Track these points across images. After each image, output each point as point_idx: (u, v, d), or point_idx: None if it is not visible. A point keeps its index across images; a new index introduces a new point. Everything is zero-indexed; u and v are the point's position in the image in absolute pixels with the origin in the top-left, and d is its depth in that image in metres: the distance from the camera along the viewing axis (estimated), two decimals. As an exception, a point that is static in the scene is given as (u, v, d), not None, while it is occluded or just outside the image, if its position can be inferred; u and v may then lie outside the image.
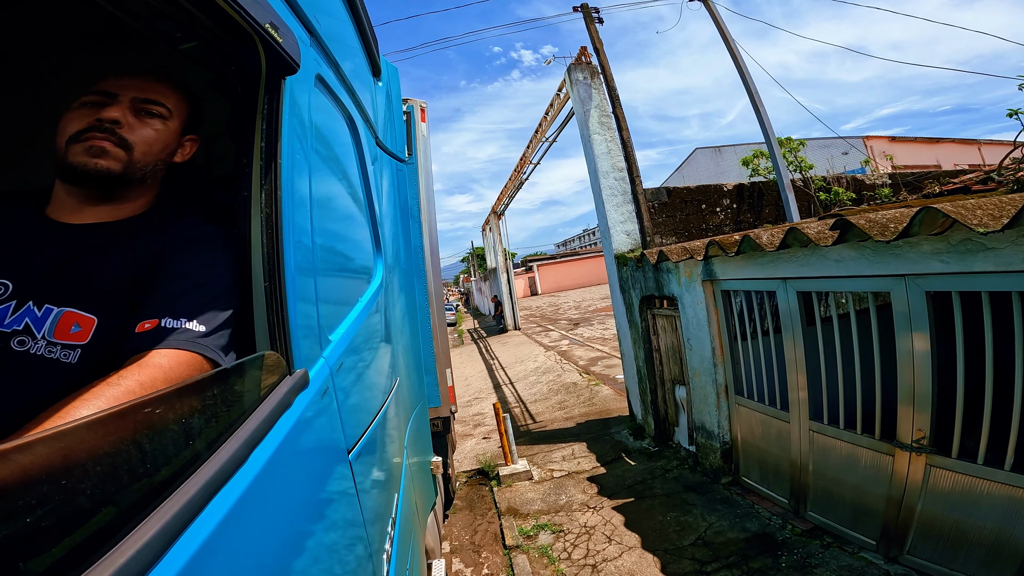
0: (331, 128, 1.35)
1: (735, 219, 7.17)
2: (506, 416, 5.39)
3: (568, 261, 41.52)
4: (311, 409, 0.91)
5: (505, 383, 10.79)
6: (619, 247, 6.12)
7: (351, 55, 1.64)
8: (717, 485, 4.49)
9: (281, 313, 0.86)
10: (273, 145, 0.89)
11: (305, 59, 1.01)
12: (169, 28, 0.84)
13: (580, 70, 6.49)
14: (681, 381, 5.17)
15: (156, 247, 0.88)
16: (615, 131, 6.28)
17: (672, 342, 5.30)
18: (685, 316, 4.74)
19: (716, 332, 4.40)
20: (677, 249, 4.51)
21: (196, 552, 0.51)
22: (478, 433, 7.48)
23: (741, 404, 4.27)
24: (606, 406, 7.50)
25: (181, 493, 0.52)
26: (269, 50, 0.86)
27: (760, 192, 7.39)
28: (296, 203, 0.96)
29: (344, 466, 1.08)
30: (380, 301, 1.77)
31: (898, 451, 2.91)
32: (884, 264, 2.80)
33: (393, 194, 2.60)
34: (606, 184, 6.13)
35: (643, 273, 5.47)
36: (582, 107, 6.40)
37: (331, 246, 1.27)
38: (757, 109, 6.72)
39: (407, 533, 1.73)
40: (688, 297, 4.64)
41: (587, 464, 5.49)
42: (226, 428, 0.65)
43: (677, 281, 4.78)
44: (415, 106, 3.42)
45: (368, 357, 1.53)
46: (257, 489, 0.65)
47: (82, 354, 0.77)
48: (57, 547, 0.39)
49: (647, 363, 5.77)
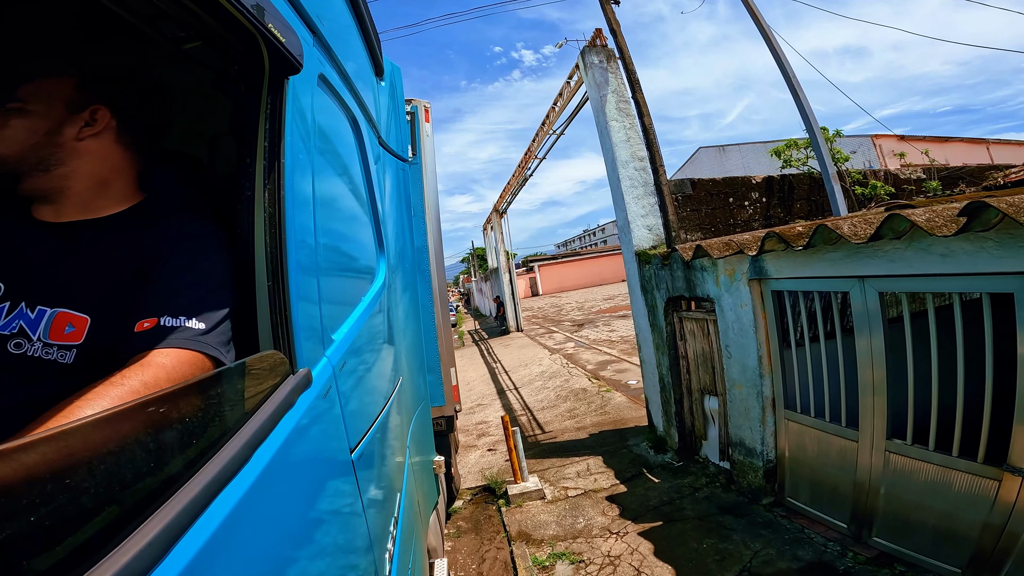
0: (334, 128, 1.36)
1: (764, 214, 6.65)
2: (515, 430, 4.84)
3: (570, 261, 41.35)
4: (314, 409, 0.91)
5: (509, 388, 10.19)
6: (640, 243, 5.50)
7: (354, 55, 1.64)
8: (757, 506, 3.94)
9: (284, 312, 0.86)
10: (276, 145, 0.89)
11: (308, 59, 1.01)
12: (172, 28, 0.84)
13: (595, 53, 5.93)
14: (713, 391, 4.67)
15: (148, 243, 0.87)
16: (634, 117, 5.65)
17: (703, 348, 4.74)
18: (724, 320, 4.15)
19: (764, 339, 3.82)
20: (718, 244, 3.92)
21: (199, 551, 0.51)
22: (482, 444, 6.81)
23: (792, 420, 3.73)
24: (620, 415, 6.90)
25: (184, 492, 0.52)
26: (272, 50, 0.86)
27: (791, 185, 6.88)
28: (299, 202, 0.97)
29: (347, 465, 1.08)
30: (383, 301, 1.77)
31: (1008, 476, 2.47)
32: (1014, 259, 2.26)
33: (396, 193, 2.60)
34: (625, 174, 5.54)
35: (670, 272, 4.89)
36: (598, 92, 5.82)
37: (334, 245, 1.27)
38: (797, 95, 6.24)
39: (409, 532, 1.73)
40: (729, 299, 4.05)
41: (605, 481, 4.92)
42: (229, 428, 0.65)
43: (715, 280, 4.18)
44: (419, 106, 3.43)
45: (371, 357, 1.53)
46: (260, 488, 0.65)
47: (78, 354, 0.77)
48: (60, 546, 0.39)
49: (672, 371, 5.17)
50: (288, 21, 0.91)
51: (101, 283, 0.83)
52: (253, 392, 0.73)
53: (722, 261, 4.04)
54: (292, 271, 0.90)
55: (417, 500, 2.08)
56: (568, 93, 7.96)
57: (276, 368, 0.80)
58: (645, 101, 5.62)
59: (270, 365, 0.79)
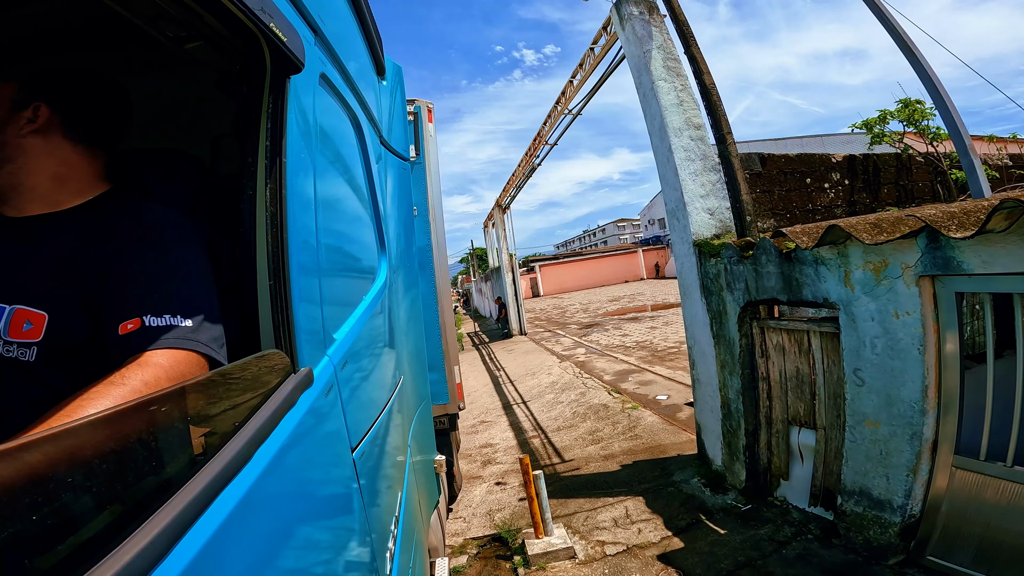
0: (335, 127, 1.36)
1: (848, 199, 5.60)
2: (538, 475, 3.75)
3: (572, 262, 41.04)
4: (315, 408, 0.91)
5: (517, 402, 8.94)
6: (699, 230, 4.40)
7: (355, 54, 1.65)
8: (880, 567, 3.03)
9: (285, 312, 0.87)
10: (277, 144, 0.89)
11: (309, 58, 1.01)
12: (174, 28, 0.84)
13: (633, 3, 4.95)
14: (808, 424, 3.72)
15: (103, 234, 0.86)
16: (687, 77, 4.70)
17: (797, 369, 3.75)
18: (855, 333, 3.11)
19: (933, 360, 2.79)
20: (863, 224, 2.89)
21: (201, 550, 0.51)
22: (488, 475, 5.46)
23: (964, 468, 2.85)
24: (655, 440, 5.64)
25: (186, 491, 0.52)
26: (274, 49, 0.86)
27: (875, 167, 5.80)
28: (300, 202, 0.97)
29: (348, 464, 1.08)
30: (384, 300, 1.77)
31: None
32: None
33: (398, 193, 2.61)
34: (679, 145, 4.50)
35: (754, 267, 3.80)
36: (640, 48, 4.77)
37: (335, 245, 1.27)
38: (916, 60, 5.10)
39: (410, 531, 1.74)
40: (868, 304, 3.00)
41: (652, 532, 3.77)
42: (231, 426, 0.65)
43: (842, 278, 3.11)
44: (422, 106, 3.43)
45: (372, 355, 1.54)
46: (261, 487, 0.65)
47: (38, 352, 0.77)
48: (62, 545, 0.39)
49: (744, 395, 4.12)
50: (290, 20, 0.91)
51: (57, 278, 0.82)
52: (255, 391, 0.73)
53: (860, 251, 2.97)
54: (294, 270, 0.90)
55: (418, 499, 2.09)
56: (591, 63, 6.88)
57: (277, 367, 0.80)
58: (703, 58, 4.55)
59: (271, 364, 0.79)
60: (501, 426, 7.46)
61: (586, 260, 40.93)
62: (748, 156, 5.05)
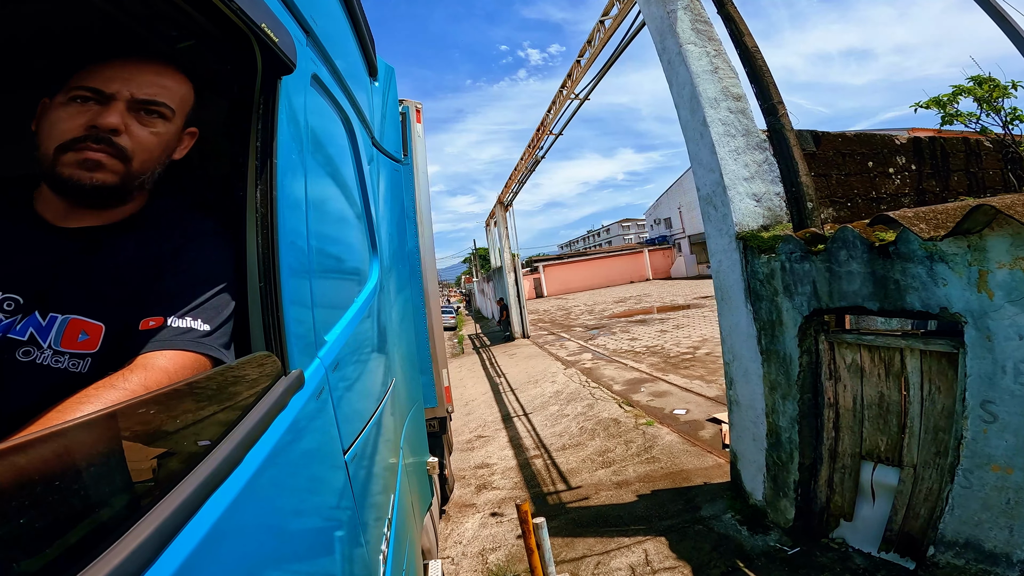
0: (327, 128, 1.35)
1: (915, 186, 4.82)
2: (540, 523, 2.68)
3: (576, 262, 40.48)
4: (306, 410, 0.90)
5: (518, 414, 8.13)
6: (743, 220, 3.57)
7: (347, 55, 1.64)
8: None
9: (276, 314, 0.86)
10: (269, 145, 0.89)
11: (301, 59, 1.01)
12: (166, 27, 0.84)
13: None
14: (890, 459, 3.08)
15: (154, 245, 0.86)
16: (720, 42, 3.91)
17: (881, 394, 3.04)
18: (992, 355, 2.34)
19: None
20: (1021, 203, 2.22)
21: (191, 552, 0.50)
22: (483, 503, 4.74)
23: None
24: (676, 464, 4.81)
25: (176, 493, 0.51)
26: (265, 50, 0.86)
27: (944, 152, 5.02)
28: (291, 203, 0.96)
29: (340, 467, 1.08)
30: (376, 302, 1.77)
31: None
32: None
33: (389, 195, 2.60)
34: (715, 118, 3.70)
35: (826, 265, 3.01)
36: (663, 7, 3.98)
37: (327, 247, 1.26)
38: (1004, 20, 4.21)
39: (403, 534, 1.73)
40: (1014, 317, 2.22)
41: None
42: (221, 429, 0.65)
43: (974, 281, 2.31)
44: (410, 107, 3.42)
45: (364, 358, 1.53)
46: (252, 490, 0.65)
47: (93, 363, 0.75)
48: (53, 546, 0.39)
49: (803, 424, 3.38)
50: (281, 20, 0.91)
51: (116, 289, 0.81)
52: (245, 393, 0.73)
53: (1007, 244, 2.20)
54: (284, 272, 0.89)
55: (411, 501, 2.08)
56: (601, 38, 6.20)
57: (268, 369, 0.80)
58: (741, 17, 3.83)
59: (262, 366, 0.78)
60: (500, 442, 6.77)
61: (591, 260, 40.45)
62: (800, 133, 4.25)
